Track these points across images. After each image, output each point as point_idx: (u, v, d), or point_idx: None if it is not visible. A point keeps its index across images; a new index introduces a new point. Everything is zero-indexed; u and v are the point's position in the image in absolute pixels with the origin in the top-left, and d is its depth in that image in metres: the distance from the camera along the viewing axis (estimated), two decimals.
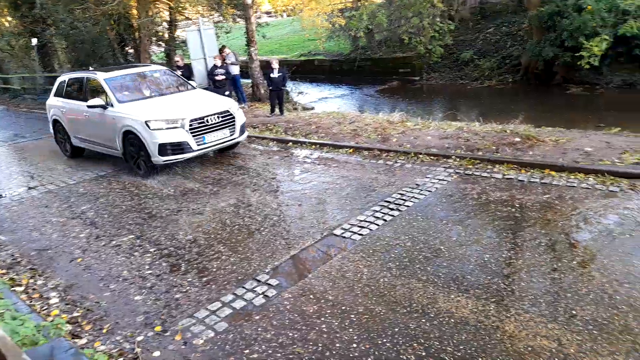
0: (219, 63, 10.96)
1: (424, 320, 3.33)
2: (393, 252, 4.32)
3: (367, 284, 3.86)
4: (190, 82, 8.93)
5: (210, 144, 7.28)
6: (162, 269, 4.51)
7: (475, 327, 3.20)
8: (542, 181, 5.52)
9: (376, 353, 3.07)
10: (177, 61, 11.79)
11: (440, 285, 3.73)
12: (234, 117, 7.60)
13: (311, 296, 3.77)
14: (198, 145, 7.07)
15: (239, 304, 3.76)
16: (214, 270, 4.35)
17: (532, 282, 3.63)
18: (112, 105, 7.46)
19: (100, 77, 7.91)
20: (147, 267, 4.57)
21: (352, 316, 3.46)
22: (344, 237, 4.72)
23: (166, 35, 17.83)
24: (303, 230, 4.96)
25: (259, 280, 4.07)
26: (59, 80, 9.26)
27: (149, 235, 5.30)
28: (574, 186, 5.29)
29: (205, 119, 7.18)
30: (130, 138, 7.23)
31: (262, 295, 3.84)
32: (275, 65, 10.65)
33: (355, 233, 4.76)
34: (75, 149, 9.05)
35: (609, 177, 5.35)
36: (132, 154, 7.44)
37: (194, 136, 7.01)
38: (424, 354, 3.02)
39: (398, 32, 19.16)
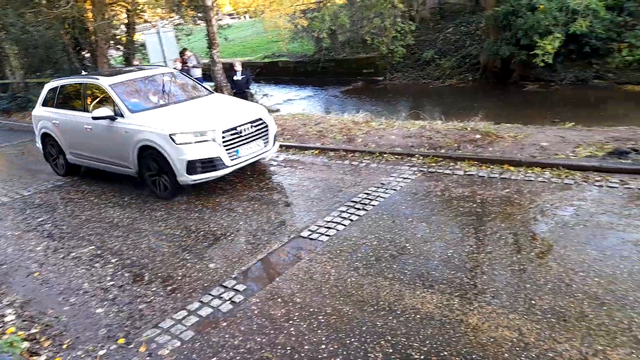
0: (179, 66, 10.77)
1: (390, 318, 3.37)
2: (360, 251, 4.36)
3: (335, 284, 3.87)
4: (204, 85, 7.95)
5: (245, 158, 6.24)
6: (124, 279, 4.38)
7: (440, 321, 3.27)
8: (502, 176, 5.69)
9: (344, 353, 3.08)
10: (136, 65, 11.50)
11: (406, 282, 3.78)
12: (267, 126, 6.61)
13: (279, 300, 3.75)
14: (232, 160, 6.02)
15: (205, 312, 3.70)
16: (179, 278, 4.26)
17: (493, 274, 3.74)
18: (122, 116, 6.31)
19: (104, 82, 6.73)
20: (108, 278, 4.43)
21: (321, 317, 3.47)
22: (311, 238, 4.72)
23: (124, 39, 17.37)
24: (270, 234, 4.93)
25: (225, 287, 4.02)
26: (47, 87, 8.03)
27: (110, 245, 5.15)
28: (531, 180, 5.47)
29: (238, 129, 6.13)
30: (149, 154, 6.11)
31: (229, 302, 3.80)
32: (239, 68, 10.55)
33: (322, 234, 4.77)
34: (71, 166, 7.83)
35: (564, 170, 5.57)
36: (150, 172, 6.32)
37: (226, 150, 5.98)
38: (391, 350, 3.05)
39: (361, 33, 19.35)
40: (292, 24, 20.73)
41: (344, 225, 4.90)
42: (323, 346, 3.17)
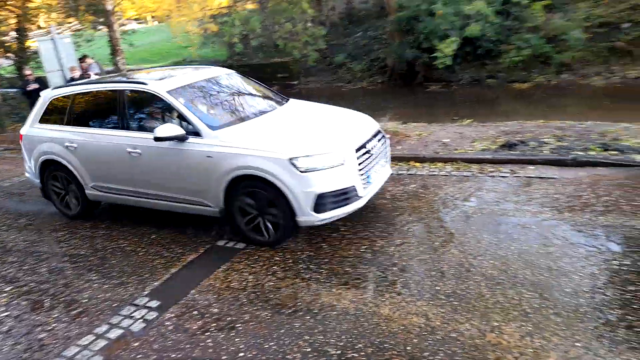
0: (77, 75, 10.03)
1: (308, 317, 3.43)
2: (277, 255, 4.38)
3: (253, 290, 3.85)
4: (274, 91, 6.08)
5: (375, 186, 4.69)
6: (21, 308, 4.01)
7: (355, 315, 3.38)
8: (409, 172, 6.02)
9: (263, 358, 3.08)
10: (29, 74, 10.57)
11: (322, 281, 3.87)
12: (386, 141, 5.18)
13: (195, 312, 3.65)
14: (364, 188, 4.45)
15: (114, 333, 3.50)
16: (85, 301, 3.99)
17: (403, 265, 3.94)
18: (198, 135, 4.55)
19: (158, 88, 4.84)
20: (2, 309, 4.03)
21: (239, 325, 3.43)
22: (227, 247, 4.65)
23: (14, 46, 15.90)
24: (184, 245, 4.78)
25: (137, 305, 3.83)
26: (48, 96, 5.80)
27: (4, 273, 4.68)
28: (435, 174, 5.86)
29: (368, 146, 4.59)
30: (247, 186, 4.41)
31: (141, 320, 3.62)
32: None
33: (239, 241, 4.72)
34: (89, 203, 5.73)
35: (463, 163, 6.04)
36: (246, 211, 4.52)
37: (360, 175, 4.42)
38: (309, 349, 3.10)
39: (273, 38, 19.44)
40: (201, 29, 20.26)
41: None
42: (242, 354, 3.14)
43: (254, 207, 4.48)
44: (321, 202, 4.21)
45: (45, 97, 5.85)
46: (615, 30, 12.89)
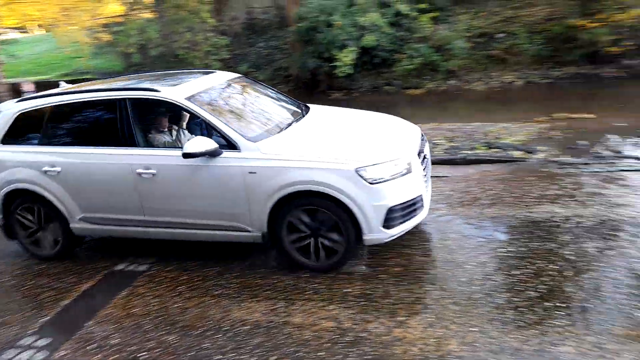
0: None
1: (219, 336, 3.31)
2: (184, 274, 4.18)
3: (157, 315, 3.63)
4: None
5: (430, 193, 4.37)
6: None
7: (267, 327, 3.33)
8: None
9: None
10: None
11: (233, 296, 3.77)
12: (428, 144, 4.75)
13: (92, 346, 3.34)
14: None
15: None
16: None
17: (312, 272, 3.97)
18: (235, 148, 3.89)
19: (175, 95, 4.08)
20: None
21: (142, 355, 3.21)
22: (128, 270, 4.35)
23: None
24: (77, 274, 4.38)
25: (22, 346, 3.42)
26: (14, 110, 4.60)
27: None
28: None
29: (424, 151, 4.30)
30: (301, 204, 3.83)
31: None
32: (28, 88, 9.17)
33: (140, 264, 4.44)
34: (74, 240, 4.69)
35: None
36: (294, 227, 3.90)
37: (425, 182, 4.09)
38: None
39: (173, 47, 18.72)
40: (92, 39, 18.93)
41: (165, 250, 4.64)
42: None
43: (308, 226, 3.88)
44: (391, 216, 3.75)
45: (8, 111, 4.66)
46: (492, 40, 14.31)
